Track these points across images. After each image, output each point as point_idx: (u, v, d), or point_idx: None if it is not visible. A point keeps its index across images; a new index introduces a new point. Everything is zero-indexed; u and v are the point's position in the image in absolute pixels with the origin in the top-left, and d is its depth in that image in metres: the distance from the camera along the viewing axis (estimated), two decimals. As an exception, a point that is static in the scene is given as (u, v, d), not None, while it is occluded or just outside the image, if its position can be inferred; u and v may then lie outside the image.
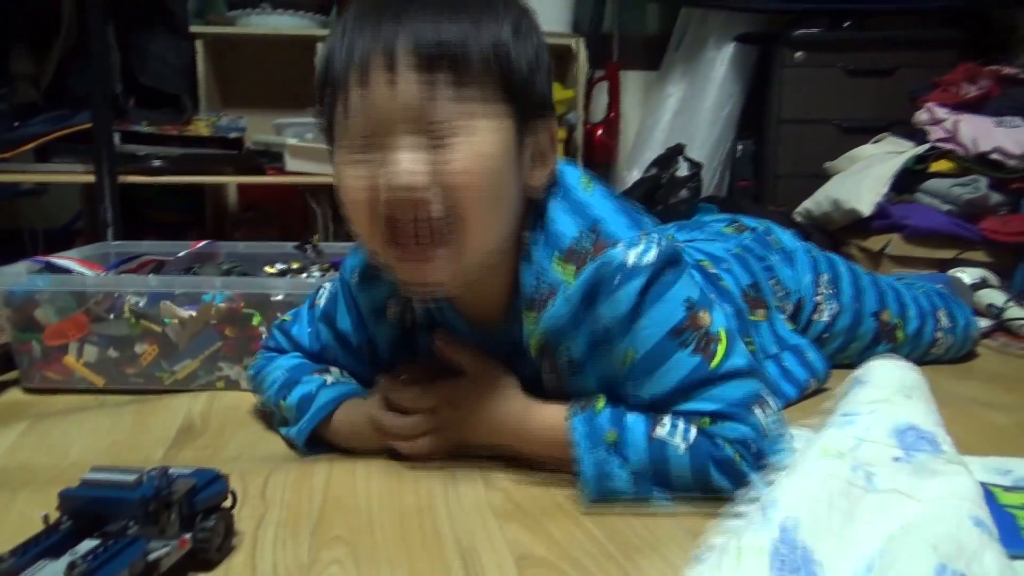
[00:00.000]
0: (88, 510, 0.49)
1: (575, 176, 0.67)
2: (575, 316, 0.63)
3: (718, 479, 0.61)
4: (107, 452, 0.76)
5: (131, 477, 0.49)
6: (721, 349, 0.63)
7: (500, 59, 0.59)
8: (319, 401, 0.73)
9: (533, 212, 0.65)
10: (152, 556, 0.47)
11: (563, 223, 0.64)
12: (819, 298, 0.99)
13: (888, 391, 0.58)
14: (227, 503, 0.56)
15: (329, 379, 0.76)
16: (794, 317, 0.98)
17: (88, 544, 0.48)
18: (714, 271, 0.87)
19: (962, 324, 1.09)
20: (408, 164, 0.57)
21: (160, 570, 0.48)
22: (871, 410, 0.56)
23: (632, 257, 0.62)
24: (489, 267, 0.65)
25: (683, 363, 0.62)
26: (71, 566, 0.43)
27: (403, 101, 0.57)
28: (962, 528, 0.46)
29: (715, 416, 0.61)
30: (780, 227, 1.06)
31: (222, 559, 0.53)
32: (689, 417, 0.62)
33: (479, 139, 0.58)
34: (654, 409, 0.63)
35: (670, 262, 0.63)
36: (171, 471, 0.52)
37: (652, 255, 0.62)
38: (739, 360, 0.63)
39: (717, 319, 0.64)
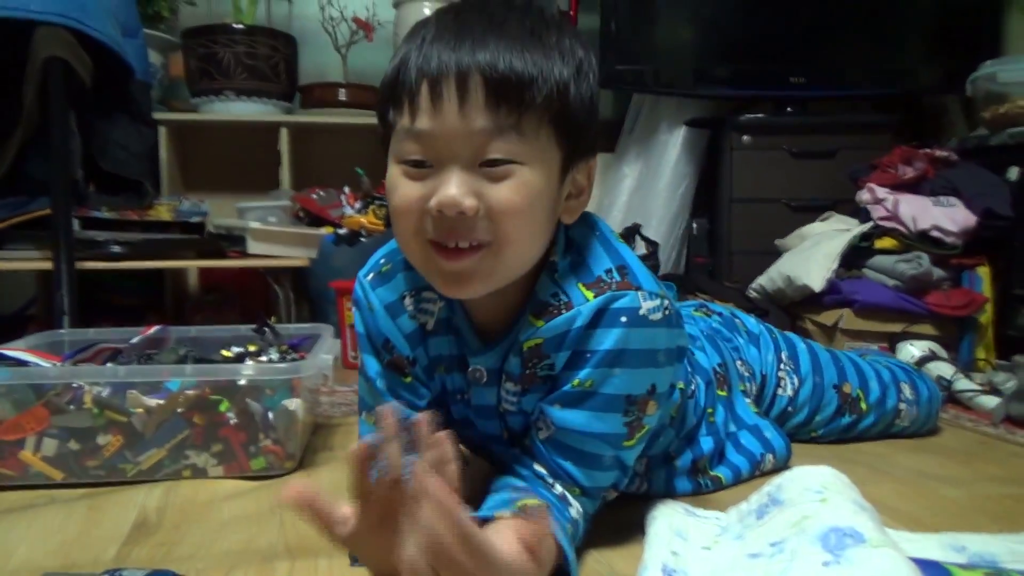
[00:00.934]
0: None
1: (608, 227, 0.74)
2: (577, 331, 0.66)
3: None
4: (56, 552, 0.73)
5: None
6: (638, 437, 0.70)
7: (561, 98, 0.63)
8: None
9: (566, 241, 0.71)
10: None
11: (597, 258, 0.70)
12: (781, 374, 1.04)
13: (803, 506, 0.63)
14: None
15: None
16: (759, 394, 1.02)
17: None
18: (687, 347, 0.91)
19: (925, 396, 1.12)
20: (460, 193, 0.61)
21: None
22: (796, 532, 0.59)
23: (645, 307, 0.66)
24: (514, 280, 0.69)
25: (613, 423, 0.68)
26: None
27: (467, 130, 0.61)
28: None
29: (584, 491, 0.69)
30: (743, 313, 1.12)
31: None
32: (566, 481, 0.68)
33: (528, 175, 0.62)
34: (551, 438, 0.68)
35: (679, 352, 0.71)
36: (124, 574, 0.51)
37: (658, 316, 0.67)
38: (633, 456, 0.71)
39: (653, 417, 0.70)
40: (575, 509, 0.67)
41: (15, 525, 0.80)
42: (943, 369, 1.37)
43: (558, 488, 0.68)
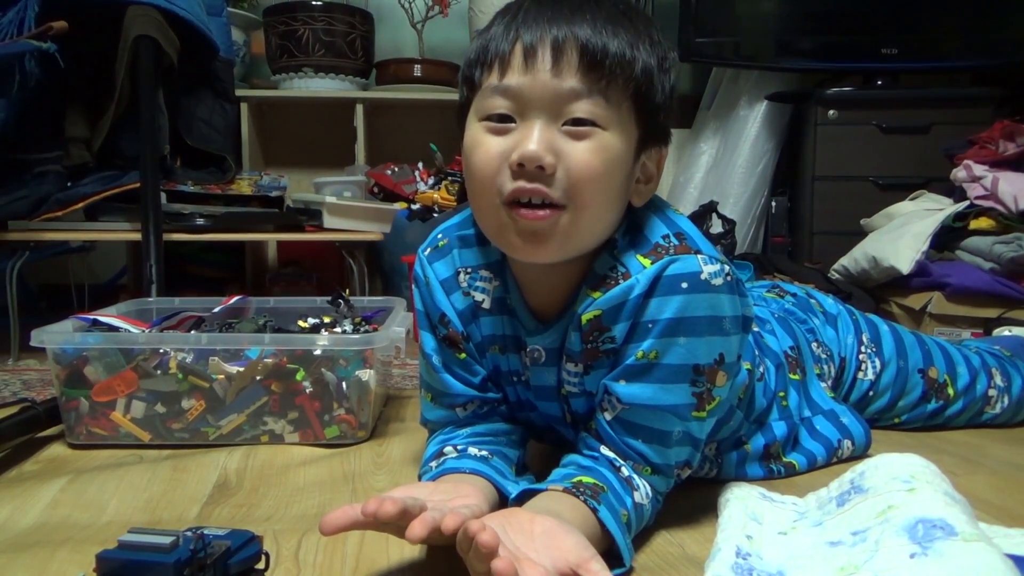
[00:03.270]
0: (124, 573, 0.50)
1: (667, 204, 0.74)
2: (635, 299, 0.65)
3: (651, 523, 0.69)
4: (143, 508, 0.76)
5: (167, 540, 0.50)
6: (708, 409, 0.68)
7: (644, 81, 0.65)
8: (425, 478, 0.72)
9: (628, 221, 0.70)
10: None
11: (654, 227, 0.69)
12: (862, 356, 1.00)
13: (889, 495, 0.60)
14: (260, 565, 0.56)
15: (434, 465, 0.73)
16: (838, 378, 0.98)
17: None
18: (757, 330, 0.89)
19: (1019, 384, 1.06)
20: (542, 148, 0.62)
21: None
22: (881, 522, 0.57)
23: (706, 272, 0.65)
24: (584, 252, 0.69)
25: (680, 394, 0.66)
26: None
27: (557, 88, 0.62)
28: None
29: (656, 469, 0.68)
30: (821, 292, 1.07)
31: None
32: (636, 461, 0.67)
33: (609, 139, 0.64)
34: (617, 417, 0.67)
35: (745, 321, 0.69)
36: (206, 533, 0.53)
37: (720, 281, 0.65)
38: (704, 430, 0.69)
39: (725, 388, 0.68)
40: (641, 493, 0.66)
41: (107, 482, 0.84)
42: (1043, 358, 1.29)
43: (625, 471, 0.67)
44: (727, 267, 0.67)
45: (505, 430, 0.78)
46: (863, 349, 1.00)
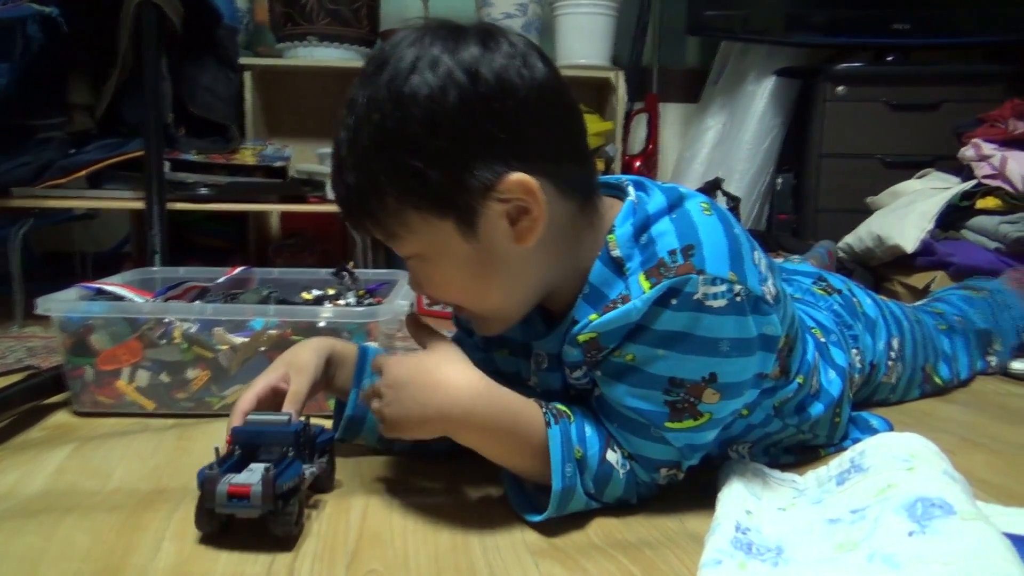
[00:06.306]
0: (252, 442, 0.65)
1: (696, 200, 0.67)
2: (632, 323, 0.62)
3: (631, 500, 0.68)
4: (149, 476, 0.77)
5: (284, 417, 0.67)
6: (689, 424, 0.65)
7: (408, 187, 0.60)
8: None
9: (635, 219, 0.65)
10: (306, 473, 0.65)
11: (667, 238, 0.63)
12: (890, 363, 0.99)
13: (889, 474, 0.60)
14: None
15: None
16: (864, 383, 0.97)
17: (259, 465, 0.61)
18: (824, 340, 0.86)
19: (965, 364, 1.13)
20: (414, 287, 0.70)
21: (307, 483, 0.65)
22: (880, 500, 0.57)
23: (703, 292, 0.61)
24: (557, 282, 0.68)
25: (652, 400, 0.64)
26: (267, 469, 0.59)
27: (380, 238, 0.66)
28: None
29: (631, 457, 0.67)
30: (860, 288, 1.04)
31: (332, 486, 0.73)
32: (614, 439, 0.67)
33: (433, 266, 0.66)
34: (599, 396, 0.68)
35: (763, 341, 0.65)
36: (303, 418, 0.69)
37: (721, 302, 0.61)
38: (684, 440, 0.66)
39: (720, 408, 0.65)
40: (616, 456, 0.66)
41: (113, 449, 0.85)
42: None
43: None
44: (736, 286, 0.62)
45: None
46: (891, 355, 0.98)
